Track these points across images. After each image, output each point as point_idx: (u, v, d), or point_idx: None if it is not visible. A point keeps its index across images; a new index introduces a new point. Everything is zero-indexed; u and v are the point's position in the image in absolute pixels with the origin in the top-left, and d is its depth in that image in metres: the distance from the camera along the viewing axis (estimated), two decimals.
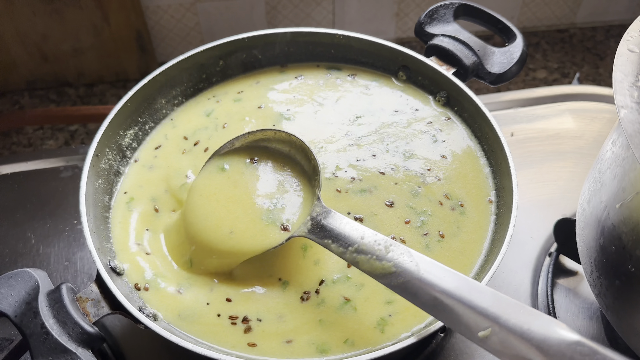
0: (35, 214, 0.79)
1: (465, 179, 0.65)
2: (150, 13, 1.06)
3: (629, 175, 0.52)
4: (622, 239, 0.53)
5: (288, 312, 0.56)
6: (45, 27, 1.01)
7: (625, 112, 0.48)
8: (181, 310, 0.56)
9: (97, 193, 0.63)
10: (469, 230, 0.62)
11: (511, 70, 0.71)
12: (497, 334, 0.43)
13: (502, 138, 0.64)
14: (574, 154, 0.85)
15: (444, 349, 0.67)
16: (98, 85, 1.11)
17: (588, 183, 0.62)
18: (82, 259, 0.74)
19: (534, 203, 0.79)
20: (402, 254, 0.50)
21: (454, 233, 0.61)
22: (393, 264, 0.50)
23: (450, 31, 0.74)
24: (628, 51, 0.53)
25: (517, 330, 0.42)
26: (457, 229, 0.61)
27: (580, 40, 1.20)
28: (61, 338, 0.50)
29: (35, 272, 0.53)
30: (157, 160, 0.68)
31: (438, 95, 0.72)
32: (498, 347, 0.43)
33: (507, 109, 0.91)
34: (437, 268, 0.49)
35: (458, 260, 0.60)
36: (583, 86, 0.94)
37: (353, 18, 1.13)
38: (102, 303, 0.54)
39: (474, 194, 0.64)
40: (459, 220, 0.62)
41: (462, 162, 0.67)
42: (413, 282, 0.49)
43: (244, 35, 0.75)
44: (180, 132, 0.71)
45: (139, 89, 0.69)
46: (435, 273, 0.48)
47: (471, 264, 0.60)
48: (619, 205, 0.53)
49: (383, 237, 0.52)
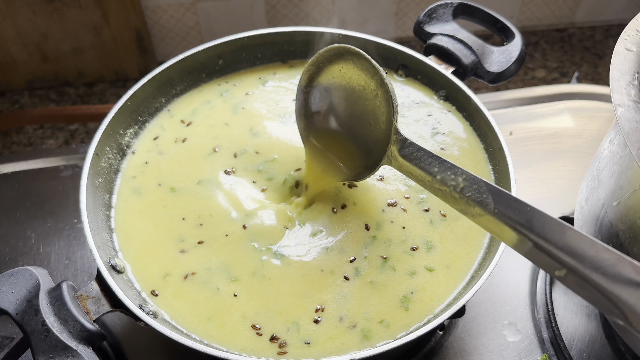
0: (36, 213, 0.79)
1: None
2: (150, 13, 1.06)
3: (626, 173, 0.52)
4: (620, 237, 0.53)
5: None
6: (45, 26, 1.01)
7: (622, 110, 0.48)
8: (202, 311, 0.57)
9: (98, 192, 0.63)
10: (468, 223, 0.62)
11: (510, 69, 0.71)
12: (574, 274, 0.42)
13: (500, 137, 0.64)
14: (573, 152, 0.85)
15: (442, 347, 0.67)
16: (98, 85, 1.11)
17: (586, 181, 0.63)
18: (82, 258, 0.74)
19: (532, 201, 0.79)
20: (480, 190, 0.49)
21: (456, 216, 0.62)
22: (469, 199, 0.49)
23: (449, 30, 0.74)
24: (625, 50, 0.53)
25: (593, 274, 0.41)
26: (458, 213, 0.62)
27: (580, 40, 1.20)
28: (62, 335, 0.50)
29: (36, 270, 0.54)
30: (157, 149, 0.69)
31: (437, 94, 0.73)
32: (574, 287, 0.43)
33: (506, 107, 0.91)
34: (514, 203, 0.47)
35: (462, 246, 0.60)
36: (582, 85, 0.94)
37: (353, 18, 1.14)
38: (102, 301, 0.54)
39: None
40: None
41: (463, 154, 0.67)
42: (490, 218, 0.48)
43: (243, 35, 0.75)
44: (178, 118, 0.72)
45: (139, 88, 0.69)
46: (513, 207, 0.47)
47: (472, 256, 0.60)
48: (616, 203, 0.54)
49: (460, 170, 0.51)
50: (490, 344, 0.67)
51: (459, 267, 0.59)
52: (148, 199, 0.65)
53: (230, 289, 0.58)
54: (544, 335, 0.68)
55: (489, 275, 0.54)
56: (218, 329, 0.55)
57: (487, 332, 0.68)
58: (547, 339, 0.68)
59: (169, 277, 0.59)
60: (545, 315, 0.70)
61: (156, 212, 0.64)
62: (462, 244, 0.61)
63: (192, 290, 0.58)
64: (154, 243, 0.61)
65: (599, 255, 0.42)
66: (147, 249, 0.61)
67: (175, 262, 0.60)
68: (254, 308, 0.57)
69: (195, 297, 0.57)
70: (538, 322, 0.70)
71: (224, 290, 0.57)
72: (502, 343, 0.68)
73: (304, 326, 0.56)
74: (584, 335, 0.68)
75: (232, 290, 0.58)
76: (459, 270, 0.59)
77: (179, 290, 0.58)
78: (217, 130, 0.70)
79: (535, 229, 0.45)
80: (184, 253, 0.60)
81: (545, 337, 0.68)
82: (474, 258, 0.60)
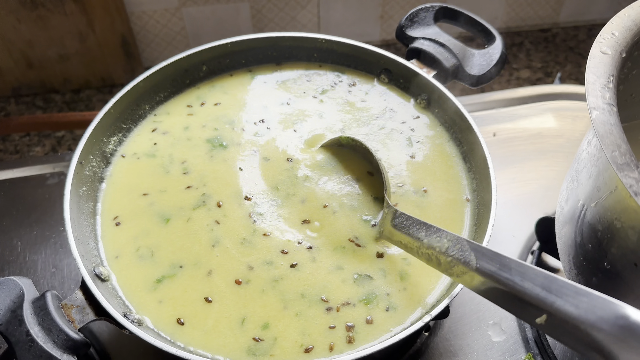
0: (22, 221, 0.79)
1: (440, 179, 0.67)
2: (136, 18, 1.06)
3: (603, 175, 0.53)
4: (598, 237, 0.54)
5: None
6: (30, 33, 1.01)
7: (597, 114, 0.49)
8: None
9: (82, 200, 0.63)
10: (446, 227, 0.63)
11: (490, 72, 0.72)
12: (554, 320, 0.43)
13: (481, 139, 0.65)
14: (556, 152, 0.86)
15: (428, 348, 0.68)
16: (84, 91, 1.11)
17: (566, 182, 0.63)
18: (69, 266, 0.74)
19: (516, 202, 0.81)
20: (463, 249, 0.51)
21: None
22: (454, 258, 0.51)
23: (431, 34, 0.75)
24: (601, 53, 0.54)
25: (572, 316, 0.42)
26: (433, 217, 0.64)
27: (563, 40, 1.21)
28: (46, 345, 0.50)
29: (20, 280, 0.54)
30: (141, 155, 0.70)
31: (419, 98, 0.73)
32: (555, 332, 0.43)
33: (489, 109, 0.92)
34: (496, 259, 0.49)
35: None
36: (564, 85, 0.95)
37: (338, 21, 1.14)
38: (87, 309, 0.54)
39: (450, 192, 0.65)
40: (434, 208, 0.64)
41: (436, 163, 0.68)
42: (475, 274, 0.49)
43: (227, 41, 0.75)
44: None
45: (122, 95, 0.69)
46: (494, 263, 0.49)
47: None
48: (594, 204, 0.54)
49: (446, 233, 0.53)
50: (475, 344, 0.68)
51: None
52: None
53: (215, 289, 0.58)
54: (528, 335, 0.69)
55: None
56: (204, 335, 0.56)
57: (472, 332, 0.69)
58: (531, 338, 0.69)
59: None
60: None
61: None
62: None
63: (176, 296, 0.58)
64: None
65: (578, 299, 0.42)
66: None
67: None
68: (237, 312, 0.57)
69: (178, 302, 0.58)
70: (522, 321, 0.70)
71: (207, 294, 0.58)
72: (487, 343, 0.68)
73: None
74: None
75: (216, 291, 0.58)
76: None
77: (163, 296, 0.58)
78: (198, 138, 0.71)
79: (515, 279, 0.46)
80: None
81: (529, 337, 0.69)
82: None
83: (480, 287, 0.49)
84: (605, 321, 0.40)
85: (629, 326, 0.39)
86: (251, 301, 0.58)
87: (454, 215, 0.64)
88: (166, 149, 0.69)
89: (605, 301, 0.41)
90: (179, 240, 0.62)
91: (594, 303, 0.41)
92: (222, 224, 0.62)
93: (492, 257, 0.49)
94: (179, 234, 0.62)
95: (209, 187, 0.66)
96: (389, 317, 0.57)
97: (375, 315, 0.57)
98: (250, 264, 0.60)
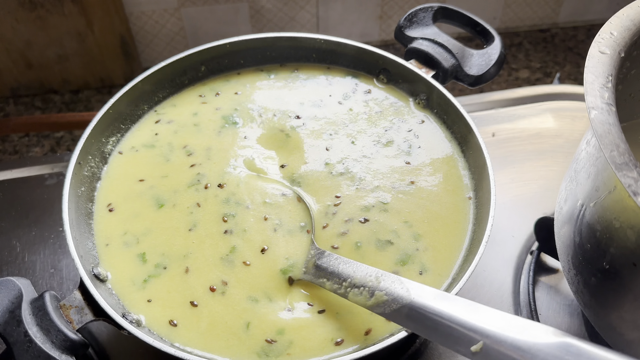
0: (21, 222, 0.79)
1: (443, 178, 0.67)
2: (135, 19, 1.06)
3: (602, 175, 0.53)
4: (597, 237, 0.54)
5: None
6: (29, 34, 1.01)
7: (595, 113, 0.49)
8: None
9: (80, 200, 0.63)
10: (448, 228, 0.62)
11: (489, 72, 0.72)
12: (489, 347, 0.44)
13: (479, 139, 0.65)
14: (555, 152, 0.86)
15: (427, 347, 0.68)
16: (83, 92, 1.11)
17: (565, 182, 0.63)
18: (67, 266, 0.74)
19: (515, 202, 0.81)
20: (393, 282, 0.52)
21: (433, 224, 0.63)
22: (385, 292, 0.52)
23: (429, 34, 0.75)
24: (599, 53, 0.54)
25: (507, 341, 0.43)
26: (435, 220, 0.63)
27: (562, 40, 1.22)
28: (44, 346, 0.50)
29: (18, 280, 0.54)
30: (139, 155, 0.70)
31: (418, 98, 0.73)
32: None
33: (488, 109, 0.92)
34: (428, 291, 0.50)
35: (441, 254, 0.61)
36: (563, 86, 0.95)
37: (337, 21, 1.14)
38: (85, 310, 0.54)
39: (451, 191, 0.65)
40: (436, 212, 0.64)
41: (439, 164, 0.68)
42: (406, 308, 0.50)
43: (225, 41, 0.75)
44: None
45: (121, 95, 0.69)
46: (426, 296, 0.50)
47: (451, 262, 0.61)
48: (593, 204, 0.54)
49: (374, 269, 0.54)
50: None
51: (440, 270, 0.60)
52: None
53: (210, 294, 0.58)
54: None
55: (467, 278, 0.55)
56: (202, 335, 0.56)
57: None
58: None
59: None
60: (528, 315, 0.70)
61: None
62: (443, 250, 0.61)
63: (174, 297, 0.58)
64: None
65: (511, 324, 0.44)
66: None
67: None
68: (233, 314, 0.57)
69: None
70: None
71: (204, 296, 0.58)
72: None
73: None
74: None
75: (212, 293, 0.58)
76: (441, 273, 0.60)
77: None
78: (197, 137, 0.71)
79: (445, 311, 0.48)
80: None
81: None
82: (453, 261, 0.60)
83: (409, 324, 0.50)
84: (539, 344, 0.42)
85: (567, 346, 0.41)
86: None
87: (457, 215, 0.64)
88: (168, 138, 0.70)
89: (537, 326, 0.43)
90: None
91: (528, 330, 0.43)
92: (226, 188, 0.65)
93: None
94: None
95: (212, 161, 0.68)
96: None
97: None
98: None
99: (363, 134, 0.70)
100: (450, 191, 0.65)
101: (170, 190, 0.65)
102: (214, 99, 0.75)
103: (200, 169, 0.67)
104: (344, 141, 0.70)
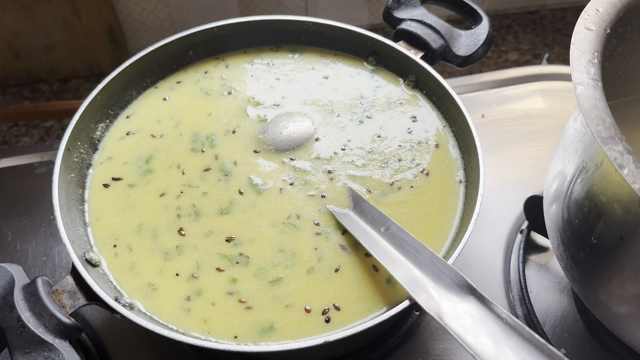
0: (11, 211, 0.79)
1: (433, 159, 0.67)
2: (122, 6, 1.05)
3: (589, 150, 0.54)
4: (585, 212, 0.55)
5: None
6: (15, 23, 1.00)
7: (581, 89, 0.49)
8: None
9: (70, 186, 0.63)
10: (438, 209, 0.63)
11: (477, 52, 0.72)
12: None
13: (469, 119, 0.65)
14: (544, 132, 0.87)
15: (419, 327, 0.69)
16: (72, 80, 1.10)
17: (553, 160, 0.64)
18: (59, 254, 0.74)
19: (504, 182, 0.81)
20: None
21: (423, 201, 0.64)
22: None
23: (418, 15, 0.75)
24: (585, 29, 0.54)
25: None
26: (426, 196, 0.64)
27: (551, 22, 1.22)
28: (38, 330, 0.50)
29: (10, 266, 0.54)
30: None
31: (407, 79, 0.73)
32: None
33: (477, 91, 0.92)
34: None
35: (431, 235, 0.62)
36: (552, 66, 0.96)
37: (326, 5, 1.14)
38: (78, 294, 0.54)
39: (442, 172, 0.66)
40: (427, 187, 0.64)
41: (429, 144, 0.68)
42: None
43: (212, 25, 0.75)
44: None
45: (109, 81, 0.69)
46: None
47: (442, 241, 0.61)
48: (580, 180, 0.55)
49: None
50: None
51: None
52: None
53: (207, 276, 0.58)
54: (518, 313, 0.70)
55: (457, 257, 0.55)
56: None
57: None
58: (521, 315, 0.70)
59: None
60: (519, 293, 0.71)
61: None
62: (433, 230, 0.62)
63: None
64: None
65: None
66: None
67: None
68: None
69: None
70: (512, 300, 0.71)
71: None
72: None
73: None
74: (557, 311, 0.70)
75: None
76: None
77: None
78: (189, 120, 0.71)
79: None
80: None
81: (520, 314, 0.70)
82: (443, 241, 0.61)
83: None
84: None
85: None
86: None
87: (447, 195, 0.64)
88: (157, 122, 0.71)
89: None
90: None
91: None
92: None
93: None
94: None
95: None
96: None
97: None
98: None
99: (348, 113, 0.71)
100: (440, 172, 0.66)
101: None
102: (203, 80, 0.75)
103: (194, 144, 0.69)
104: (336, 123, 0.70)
